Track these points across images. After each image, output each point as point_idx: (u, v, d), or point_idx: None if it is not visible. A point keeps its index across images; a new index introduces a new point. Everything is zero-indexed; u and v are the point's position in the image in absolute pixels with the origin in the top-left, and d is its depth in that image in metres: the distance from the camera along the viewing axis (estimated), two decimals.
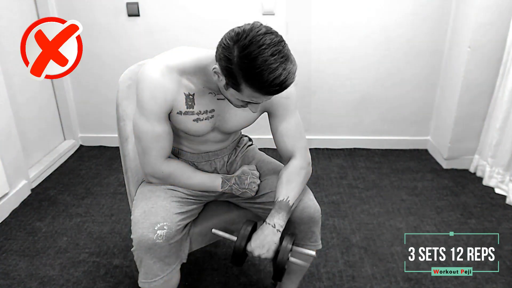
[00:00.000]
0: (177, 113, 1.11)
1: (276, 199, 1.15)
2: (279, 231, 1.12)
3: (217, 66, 0.98)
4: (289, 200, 1.14)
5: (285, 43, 0.93)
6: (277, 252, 1.11)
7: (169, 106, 1.09)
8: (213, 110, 1.14)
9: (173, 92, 1.08)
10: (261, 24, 0.94)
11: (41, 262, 1.72)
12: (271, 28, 0.94)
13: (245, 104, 1.05)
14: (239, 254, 1.13)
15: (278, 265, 1.10)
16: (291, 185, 1.17)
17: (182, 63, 1.08)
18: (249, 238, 1.13)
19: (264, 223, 1.13)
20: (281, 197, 1.14)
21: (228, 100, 1.07)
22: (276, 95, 1.13)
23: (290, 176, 1.18)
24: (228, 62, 0.93)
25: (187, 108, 1.11)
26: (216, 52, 0.98)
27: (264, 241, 1.10)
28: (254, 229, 1.17)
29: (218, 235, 1.19)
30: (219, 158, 1.30)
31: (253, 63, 0.89)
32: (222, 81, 0.99)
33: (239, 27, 0.94)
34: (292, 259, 1.12)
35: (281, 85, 0.92)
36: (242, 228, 1.14)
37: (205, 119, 1.14)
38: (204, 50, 1.09)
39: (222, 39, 0.96)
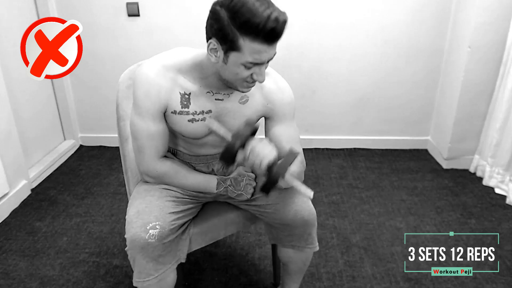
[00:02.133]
0: (172, 112, 1.11)
1: None
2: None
3: (211, 40, 0.98)
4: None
5: None
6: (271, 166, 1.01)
7: (163, 105, 1.09)
8: (210, 111, 1.13)
9: (167, 90, 1.08)
10: None
11: (41, 262, 1.72)
12: None
13: (250, 78, 1.02)
14: (230, 152, 1.00)
15: (274, 174, 0.99)
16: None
17: (179, 62, 1.09)
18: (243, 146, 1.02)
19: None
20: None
21: (232, 84, 1.05)
22: (278, 100, 1.15)
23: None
24: (220, 23, 0.94)
25: (182, 107, 1.10)
26: (206, 28, 0.99)
27: (264, 148, 1.02)
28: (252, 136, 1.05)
29: (213, 129, 1.06)
30: (217, 161, 1.30)
31: (242, 11, 0.91)
32: (220, 56, 0.99)
33: None
34: (288, 176, 1.00)
35: (277, 22, 0.92)
36: (240, 127, 1.03)
37: (201, 120, 1.13)
38: (199, 49, 1.10)
39: (208, 15, 0.98)
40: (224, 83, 1.07)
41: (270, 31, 0.92)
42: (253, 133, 1.06)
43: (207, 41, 1.00)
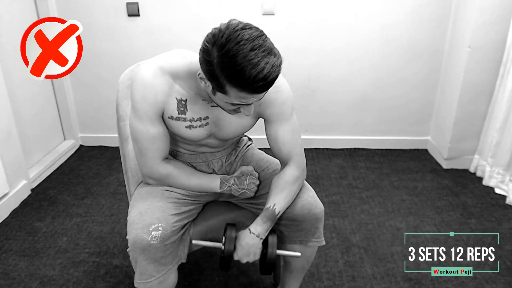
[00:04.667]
0: (169, 117, 1.10)
1: (265, 205, 1.16)
2: (262, 238, 1.15)
3: (201, 72, 0.96)
4: (275, 208, 1.15)
5: (266, 37, 0.90)
6: (263, 248, 1.16)
7: (160, 108, 1.08)
8: (207, 118, 1.13)
9: (164, 94, 1.06)
10: (239, 21, 0.90)
11: (41, 262, 1.72)
12: (250, 24, 0.90)
13: (237, 108, 1.01)
14: (229, 259, 1.15)
15: (269, 261, 1.14)
16: (283, 193, 1.16)
17: (175, 68, 1.07)
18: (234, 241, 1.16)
19: (248, 230, 1.15)
20: (268, 204, 1.16)
21: (219, 106, 1.05)
22: (271, 100, 1.13)
23: (284, 185, 1.17)
24: (209, 65, 0.90)
25: (178, 113, 1.10)
26: (199, 57, 0.95)
27: (250, 250, 1.14)
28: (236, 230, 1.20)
29: (200, 245, 1.21)
30: (217, 159, 1.30)
31: (233, 61, 0.86)
32: (209, 86, 0.97)
33: (215, 28, 0.91)
34: (279, 251, 1.18)
35: (266, 80, 0.88)
36: (227, 232, 1.16)
37: (199, 127, 1.13)
38: (197, 56, 1.06)
39: (201, 45, 0.93)
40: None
41: (258, 87, 0.90)
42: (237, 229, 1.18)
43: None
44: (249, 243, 1.13)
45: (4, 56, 2.08)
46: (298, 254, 1.21)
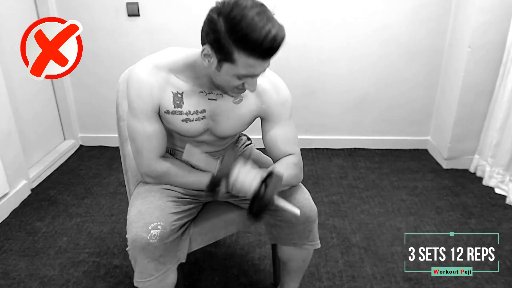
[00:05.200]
0: (165, 112, 1.11)
1: None
2: (262, 177, 1.02)
3: (206, 47, 0.97)
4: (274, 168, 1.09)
5: (266, 7, 0.94)
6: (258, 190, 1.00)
7: (156, 104, 1.09)
8: (204, 111, 1.13)
9: (159, 90, 1.08)
10: None
11: (41, 262, 1.72)
12: None
13: (241, 85, 1.02)
14: (219, 179, 1.00)
15: (265, 200, 0.96)
16: (284, 167, 1.12)
17: (171, 62, 1.09)
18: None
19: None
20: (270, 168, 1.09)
21: (223, 89, 1.05)
22: (272, 100, 1.14)
23: (283, 162, 1.15)
24: (216, 34, 0.93)
25: (174, 107, 1.10)
26: (202, 33, 0.98)
27: (250, 173, 1.02)
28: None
29: (193, 163, 1.07)
30: (215, 159, 1.30)
31: (240, 25, 0.89)
32: (213, 63, 0.98)
33: (217, 1, 0.95)
34: (279, 201, 1.01)
35: (275, 40, 0.90)
36: (225, 157, 1.02)
37: (196, 120, 1.13)
38: (192, 49, 1.10)
39: (205, 19, 0.96)
40: (215, 86, 1.08)
41: (267, 49, 0.92)
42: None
43: (202, 45, 1.00)
44: (250, 171, 1.03)
45: (4, 56, 2.08)
46: (297, 212, 1.02)
